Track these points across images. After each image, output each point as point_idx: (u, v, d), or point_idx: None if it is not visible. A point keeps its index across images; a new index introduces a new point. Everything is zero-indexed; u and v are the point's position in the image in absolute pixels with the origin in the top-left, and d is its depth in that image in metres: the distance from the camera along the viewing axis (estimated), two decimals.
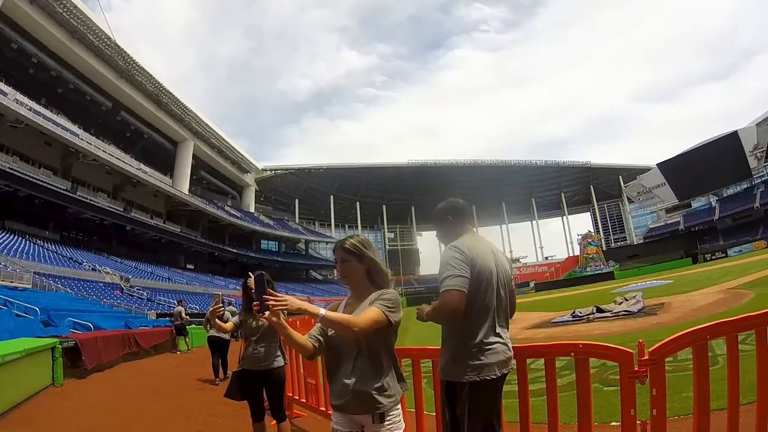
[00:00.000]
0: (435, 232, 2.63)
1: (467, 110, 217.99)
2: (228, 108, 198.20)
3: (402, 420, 2.05)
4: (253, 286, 2.86)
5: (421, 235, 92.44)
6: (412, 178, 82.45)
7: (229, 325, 3.91)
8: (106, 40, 39.01)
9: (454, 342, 2.27)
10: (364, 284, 2.19)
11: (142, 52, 70.66)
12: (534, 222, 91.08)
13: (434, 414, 2.90)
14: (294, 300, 1.85)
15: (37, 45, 35.79)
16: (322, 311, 1.89)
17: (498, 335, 2.27)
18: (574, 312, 13.42)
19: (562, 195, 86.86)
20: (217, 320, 3.68)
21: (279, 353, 3.92)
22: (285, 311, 1.86)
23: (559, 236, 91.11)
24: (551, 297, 35.33)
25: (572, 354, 2.49)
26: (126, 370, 11.39)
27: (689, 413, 2.90)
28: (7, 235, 29.83)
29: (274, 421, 3.86)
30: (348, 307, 2.20)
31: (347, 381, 1.98)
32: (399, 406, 2.05)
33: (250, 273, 3.56)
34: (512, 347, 2.40)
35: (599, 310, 12.60)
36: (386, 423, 1.96)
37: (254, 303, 1.96)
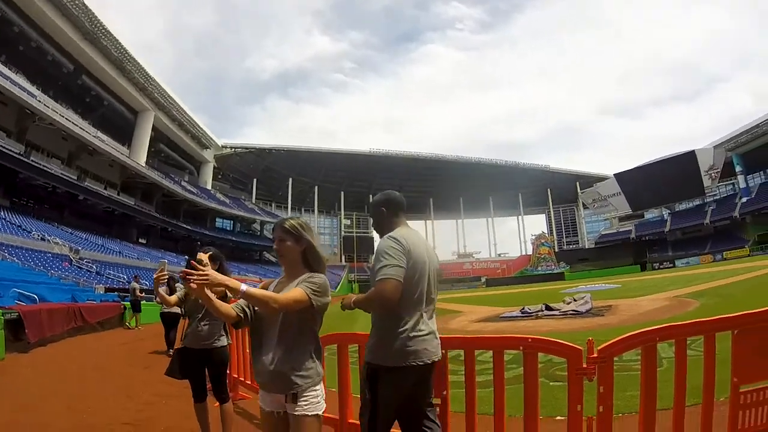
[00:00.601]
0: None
1: (433, 106, 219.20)
2: (192, 81, 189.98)
3: (321, 401, 2.11)
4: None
5: None
6: (373, 166, 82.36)
7: (173, 298, 3.85)
8: None
9: (384, 328, 2.30)
10: (299, 265, 2.25)
11: (110, 15, 67.34)
12: (490, 219, 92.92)
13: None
14: (215, 275, 1.91)
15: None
16: (243, 287, 1.95)
17: (427, 324, 2.33)
18: (523, 308, 13.65)
19: (520, 195, 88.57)
20: (160, 291, 3.72)
21: (223, 332, 3.75)
22: (207, 285, 1.91)
23: (513, 235, 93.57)
24: (501, 293, 36.12)
25: (521, 348, 2.50)
26: (71, 346, 11.18)
27: (633, 411, 3.11)
28: None
29: (217, 403, 3.71)
30: (279, 285, 2.29)
31: (266, 360, 2.05)
32: (318, 387, 2.10)
33: (201, 249, 3.60)
34: (461, 338, 2.58)
35: (548, 308, 12.93)
36: (301, 402, 2.02)
37: (180, 272, 1.98)
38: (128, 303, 17.59)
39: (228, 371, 4.18)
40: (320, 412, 2.09)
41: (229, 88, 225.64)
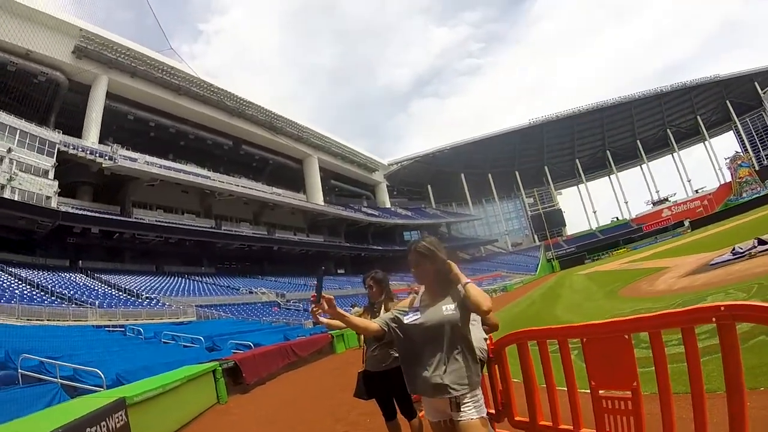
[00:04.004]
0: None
1: (573, 57, 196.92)
2: (338, 115, 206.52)
3: (482, 404, 2.21)
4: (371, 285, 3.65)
5: (561, 194, 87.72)
6: (537, 137, 78.83)
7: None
8: (208, 87, 43.27)
9: None
10: (437, 282, 2.32)
11: (244, 87, 76.96)
12: (675, 154, 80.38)
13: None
14: (332, 318, 2.26)
15: (150, 110, 41.27)
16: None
17: None
18: (734, 248, 12.51)
19: (698, 119, 76.38)
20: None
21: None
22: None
23: (705, 165, 78.01)
24: (709, 234, 33.63)
25: (713, 320, 2.08)
26: (286, 380, 12.01)
27: None
28: (168, 278, 34.46)
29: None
30: (423, 303, 2.35)
31: (426, 371, 2.19)
32: (478, 391, 2.22)
33: (368, 275, 3.84)
34: (644, 317, 2.29)
35: (761, 242, 11.74)
36: (464, 408, 2.14)
37: (312, 295, 2.18)
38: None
39: None
40: (484, 415, 2.20)
41: (373, 109, 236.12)
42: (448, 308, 2.22)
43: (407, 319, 2.29)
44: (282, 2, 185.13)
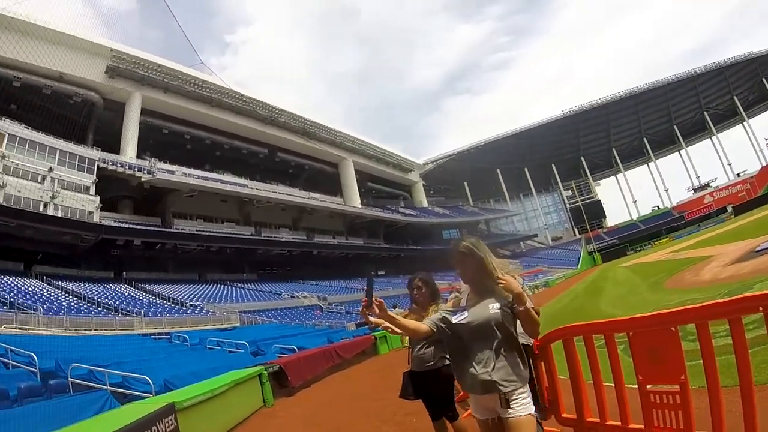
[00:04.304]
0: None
1: (602, 42, 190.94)
2: (370, 117, 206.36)
3: (530, 401, 2.19)
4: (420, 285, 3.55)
5: (600, 185, 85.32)
6: (572, 127, 76.50)
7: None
8: (240, 98, 43.70)
9: None
10: (480, 280, 2.32)
11: (274, 96, 77.57)
12: (714, 138, 76.02)
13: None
14: (386, 321, 2.25)
15: (184, 123, 41.83)
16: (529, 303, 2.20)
17: None
18: None
19: (735, 99, 72.01)
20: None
21: (444, 353, 3.78)
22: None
23: (745, 146, 73.76)
24: (753, 219, 33.05)
25: (760, 309, 2.02)
26: (331, 382, 12.00)
27: None
28: (211, 286, 34.62)
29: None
30: (470, 302, 2.37)
31: (476, 369, 2.20)
32: (526, 388, 2.21)
33: (414, 276, 3.78)
34: (690, 308, 2.28)
35: None
36: (513, 405, 2.12)
37: (363, 299, 2.26)
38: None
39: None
40: (533, 412, 2.18)
41: (403, 110, 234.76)
42: (494, 307, 2.23)
43: (455, 319, 2.31)
44: (304, 10, 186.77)
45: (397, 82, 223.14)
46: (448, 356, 3.71)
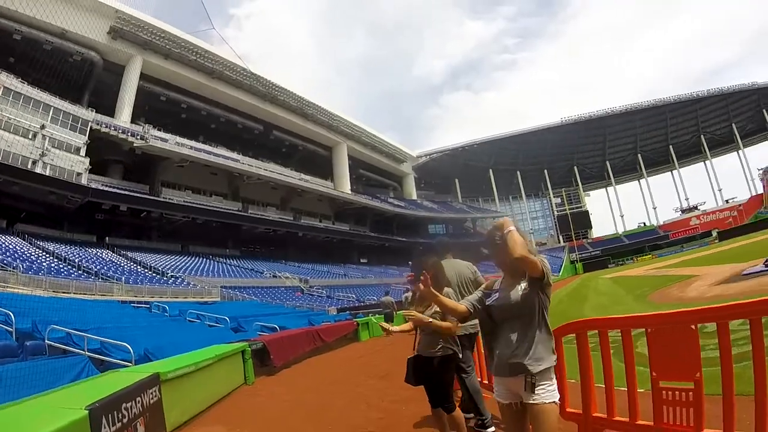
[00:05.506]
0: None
1: (610, 55, 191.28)
2: (371, 105, 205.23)
3: (556, 389, 2.17)
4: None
5: (589, 195, 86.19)
6: (568, 136, 76.87)
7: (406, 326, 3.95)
8: (241, 71, 43.10)
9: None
10: (510, 262, 2.31)
11: (277, 72, 76.49)
12: (708, 162, 77.18)
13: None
14: (427, 296, 2.53)
15: (182, 92, 41.29)
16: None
17: None
18: (766, 260, 12.22)
19: (734, 126, 73.14)
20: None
21: (450, 342, 3.81)
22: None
23: (737, 174, 75.07)
24: (738, 245, 32.96)
25: None
26: (313, 365, 11.91)
27: None
28: (194, 258, 34.62)
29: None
30: (503, 284, 2.42)
31: (505, 352, 2.24)
32: (553, 375, 2.20)
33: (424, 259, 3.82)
34: (712, 308, 2.35)
35: None
36: (538, 390, 2.12)
37: (408, 275, 2.63)
38: (377, 317, 19.55)
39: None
40: (557, 400, 2.17)
41: (406, 101, 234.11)
42: (522, 287, 2.25)
43: (488, 300, 2.37)
44: None
45: (401, 71, 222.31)
46: (450, 345, 3.88)
